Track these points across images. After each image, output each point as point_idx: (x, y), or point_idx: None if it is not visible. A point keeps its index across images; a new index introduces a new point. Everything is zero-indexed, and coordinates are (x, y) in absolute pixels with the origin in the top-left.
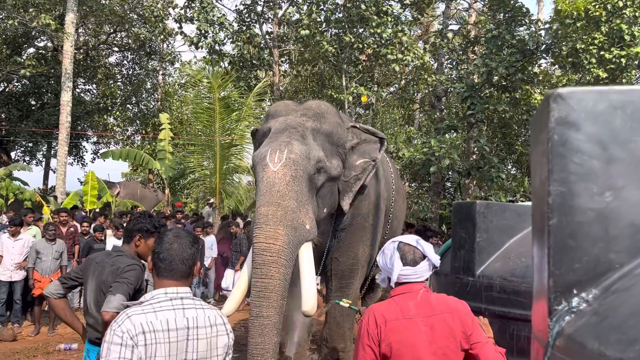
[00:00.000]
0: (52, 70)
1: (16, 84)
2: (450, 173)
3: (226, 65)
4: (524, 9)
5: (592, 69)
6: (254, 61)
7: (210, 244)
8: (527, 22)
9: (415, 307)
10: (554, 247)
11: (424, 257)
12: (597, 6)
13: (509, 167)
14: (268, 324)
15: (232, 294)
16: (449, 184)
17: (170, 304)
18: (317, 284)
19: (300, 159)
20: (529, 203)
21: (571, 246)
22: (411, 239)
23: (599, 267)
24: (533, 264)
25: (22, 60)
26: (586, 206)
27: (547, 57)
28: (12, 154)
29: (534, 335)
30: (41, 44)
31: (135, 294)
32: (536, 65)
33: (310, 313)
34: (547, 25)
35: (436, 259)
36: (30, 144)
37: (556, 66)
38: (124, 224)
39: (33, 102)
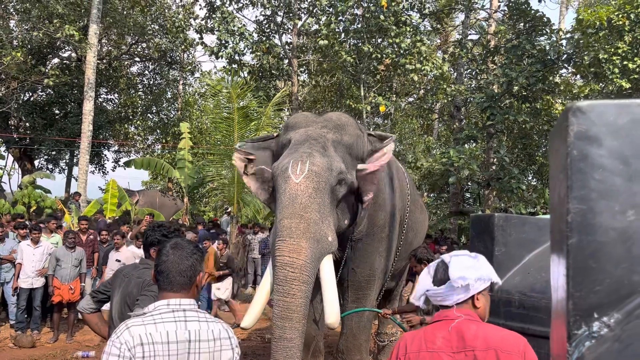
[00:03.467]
0: (76, 80)
1: (40, 93)
2: (469, 184)
3: (245, 75)
4: (544, 18)
5: (615, 79)
6: (273, 71)
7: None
8: (548, 31)
9: (442, 339)
10: (573, 268)
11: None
12: (620, 15)
13: (530, 178)
14: (292, 347)
15: (252, 307)
16: (468, 195)
17: (172, 315)
18: None
19: (322, 171)
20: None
21: (592, 267)
22: (465, 253)
23: (622, 290)
24: (551, 284)
25: (47, 70)
26: (608, 225)
27: (569, 67)
28: (36, 162)
29: None
30: (65, 55)
31: None
32: (557, 75)
33: (334, 325)
34: (568, 35)
35: (458, 278)
36: (53, 153)
37: (578, 76)
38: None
39: (57, 111)
